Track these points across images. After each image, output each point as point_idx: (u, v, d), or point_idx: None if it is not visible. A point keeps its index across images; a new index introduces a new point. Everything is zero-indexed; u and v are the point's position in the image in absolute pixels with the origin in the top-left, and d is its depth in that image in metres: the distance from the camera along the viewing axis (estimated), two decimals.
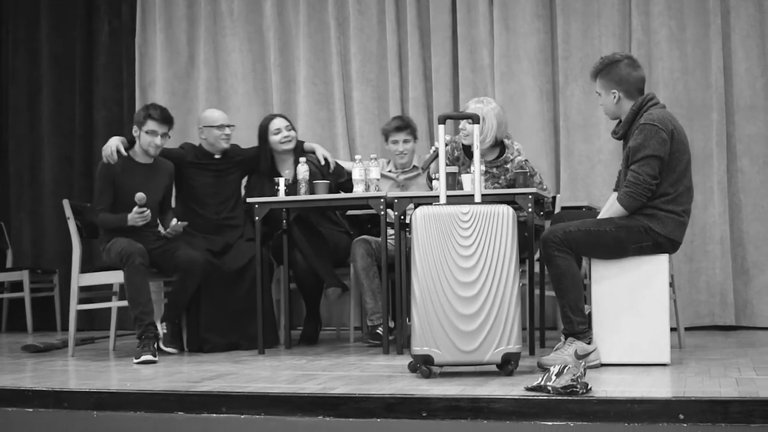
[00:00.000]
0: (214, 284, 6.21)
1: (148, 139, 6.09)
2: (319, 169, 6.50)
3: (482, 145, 5.83)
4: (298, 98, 7.90)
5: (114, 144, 6.10)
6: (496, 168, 5.98)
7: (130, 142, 6.21)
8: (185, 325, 6.29)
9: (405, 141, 6.57)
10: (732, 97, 6.98)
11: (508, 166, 5.98)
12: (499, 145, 6.05)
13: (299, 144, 6.65)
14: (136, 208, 5.88)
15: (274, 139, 6.53)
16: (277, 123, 6.55)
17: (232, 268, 6.26)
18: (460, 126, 6.07)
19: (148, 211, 5.92)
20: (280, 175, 6.44)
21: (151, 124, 6.08)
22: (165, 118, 6.13)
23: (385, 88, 7.74)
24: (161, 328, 6.01)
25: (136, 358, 5.58)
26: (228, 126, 6.49)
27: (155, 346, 5.72)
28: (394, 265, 5.73)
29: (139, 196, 5.89)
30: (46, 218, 8.66)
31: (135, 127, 6.15)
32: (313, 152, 6.64)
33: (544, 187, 5.96)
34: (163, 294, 6.60)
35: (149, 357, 5.56)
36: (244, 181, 6.74)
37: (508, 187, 5.81)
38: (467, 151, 6.10)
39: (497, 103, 6.15)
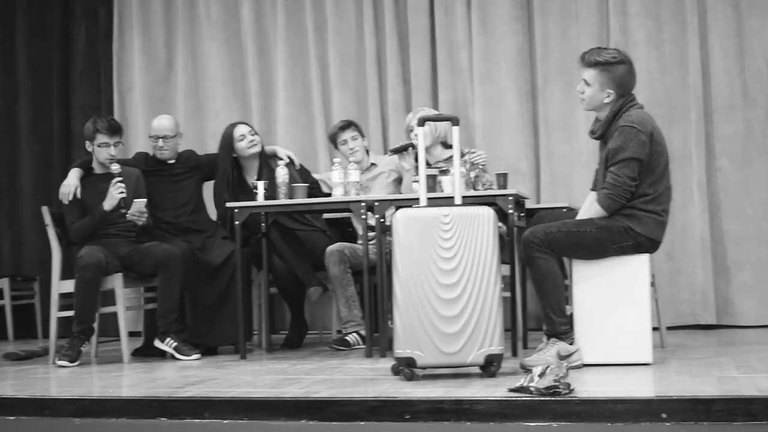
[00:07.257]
0: (193, 277, 6.16)
1: (103, 153, 6.14)
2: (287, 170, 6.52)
3: (434, 142, 6.24)
4: (277, 103, 7.88)
5: (73, 185, 6.12)
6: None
7: (87, 163, 6.25)
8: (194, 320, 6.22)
9: (353, 138, 6.60)
10: (710, 96, 7.01)
11: (466, 158, 6.06)
12: (446, 146, 6.27)
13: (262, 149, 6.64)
14: (113, 180, 5.98)
15: (240, 145, 6.52)
16: (241, 129, 6.56)
17: (212, 263, 6.24)
18: (413, 133, 6.05)
19: (123, 186, 6.01)
20: (246, 183, 6.47)
21: (101, 138, 6.12)
22: (113, 129, 6.17)
23: (364, 92, 7.73)
24: (165, 346, 5.98)
25: (58, 359, 5.83)
26: (161, 138, 6.45)
27: (77, 351, 5.86)
28: (375, 268, 5.73)
29: (114, 167, 6.04)
30: (25, 225, 8.60)
31: (87, 142, 6.19)
32: (275, 155, 6.62)
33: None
34: (143, 300, 6.55)
35: (65, 363, 5.79)
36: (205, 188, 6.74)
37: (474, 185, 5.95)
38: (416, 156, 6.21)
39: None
